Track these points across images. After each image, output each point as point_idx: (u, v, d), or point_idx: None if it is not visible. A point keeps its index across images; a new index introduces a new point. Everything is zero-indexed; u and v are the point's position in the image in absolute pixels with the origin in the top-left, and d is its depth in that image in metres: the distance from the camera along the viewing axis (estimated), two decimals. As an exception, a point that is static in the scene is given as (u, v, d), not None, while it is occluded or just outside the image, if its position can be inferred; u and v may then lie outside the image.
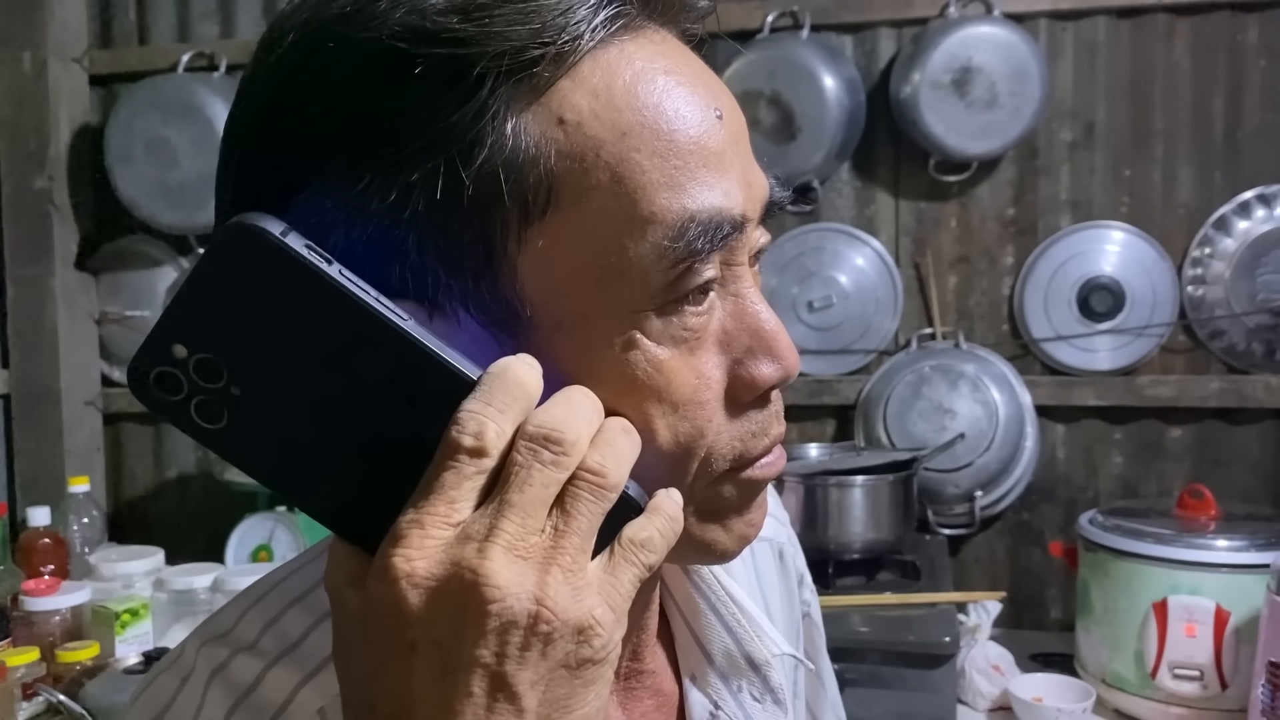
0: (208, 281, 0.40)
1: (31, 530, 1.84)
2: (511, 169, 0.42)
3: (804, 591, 0.77)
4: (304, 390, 0.41)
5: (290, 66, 0.44)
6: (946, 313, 1.98)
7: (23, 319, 2.17)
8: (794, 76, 1.85)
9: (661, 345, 0.45)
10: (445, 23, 0.41)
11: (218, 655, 0.50)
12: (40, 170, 2.16)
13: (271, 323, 0.40)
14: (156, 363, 0.40)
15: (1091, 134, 1.90)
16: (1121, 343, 1.88)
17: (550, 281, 0.44)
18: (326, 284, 0.40)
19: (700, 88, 0.46)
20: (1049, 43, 1.89)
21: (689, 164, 0.45)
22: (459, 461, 0.39)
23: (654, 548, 0.42)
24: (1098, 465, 1.94)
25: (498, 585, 0.37)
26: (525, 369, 0.41)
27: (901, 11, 1.92)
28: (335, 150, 0.42)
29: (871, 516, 1.63)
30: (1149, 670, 1.44)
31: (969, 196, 1.96)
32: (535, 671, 0.38)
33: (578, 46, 0.43)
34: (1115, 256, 1.88)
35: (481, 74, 0.42)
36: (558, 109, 0.43)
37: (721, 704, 0.60)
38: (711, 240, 0.45)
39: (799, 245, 2.00)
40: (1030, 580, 1.96)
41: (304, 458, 0.41)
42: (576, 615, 0.38)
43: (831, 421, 2.03)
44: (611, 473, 0.41)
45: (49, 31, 2.14)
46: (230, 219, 0.40)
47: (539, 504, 0.39)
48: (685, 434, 0.47)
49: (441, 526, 0.38)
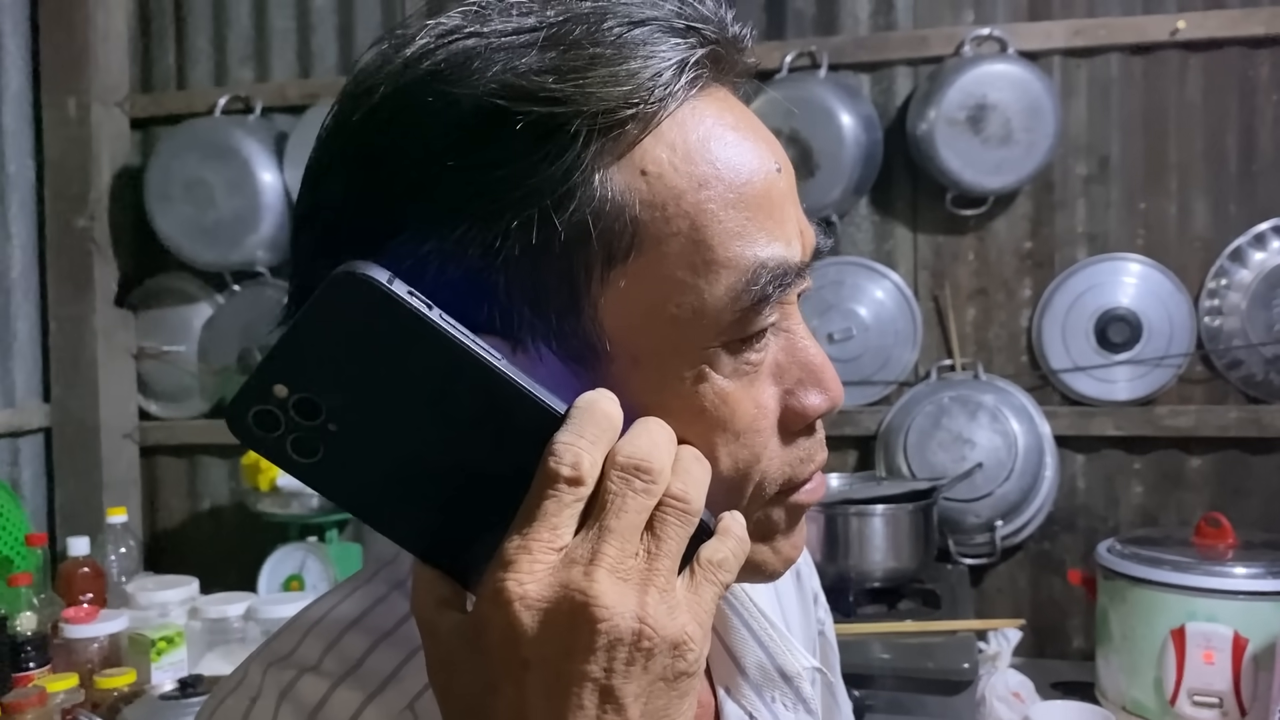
0: (313, 326, 0.43)
1: (71, 560, 1.88)
2: (599, 217, 0.46)
3: (819, 610, 0.80)
4: (398, 426, 0.43)
5: (384, 119, 0.47)
6: (965, 344, 2.01)
7: (64, 354, 2.23)
8: (812, 115, 1.89)
9: (727, 379, 0.49)
10: (542, 82, 0.45)
11: (284, 677, 0.52)
12: (82, 210, 2.23)
13: (372, 363, 0.43)
14: (257, 402, 0.43)
15: (1106, 168, 1.93)
16: (1139, 373, 1.90)
17: (629, 319, 0.47)
18: (429, 327, 0.43)
19: (761, 143, 0.50)
20: (1063, 79, 1.93)
21: (757, 215, 0.48)
22: (559, 490, 0.42)
23: (729, 567, 0.45)
24: (1118, 495, 1.95)
25: (605, 605, 0.40)
26: (610, 403, 0.44)
27: (917, 50, 1.97)
28: (432, 199, 0.46)
29: (892, 545, 1.66)
30: (1168, 697, 1.45)
31: (986, 230, 1.99)
32: (639, 684, 0.41)
33: (664, 107, 0.47)
34: (1132, 288, 1.91)
35: (576, 131, 0.45)
36: (640, 162, 0.47)
37: (756, 714, 0.63)
38: (780, 286, 0.49)
39: (819, 279, 2.04)
40: (1052, 609, 1.97)
41: (394, 489, 0.44)
42: (673, 631, 0.42)
43: (853, 452, 2.06)
44: (694, 499, 0.44)
45: (92, 77, 2.22)
46: (336, 267, 0.43)
47: (634, 529, 0.42)
48: (744, 460, 0.50)
49: (547, 551, 0.41)
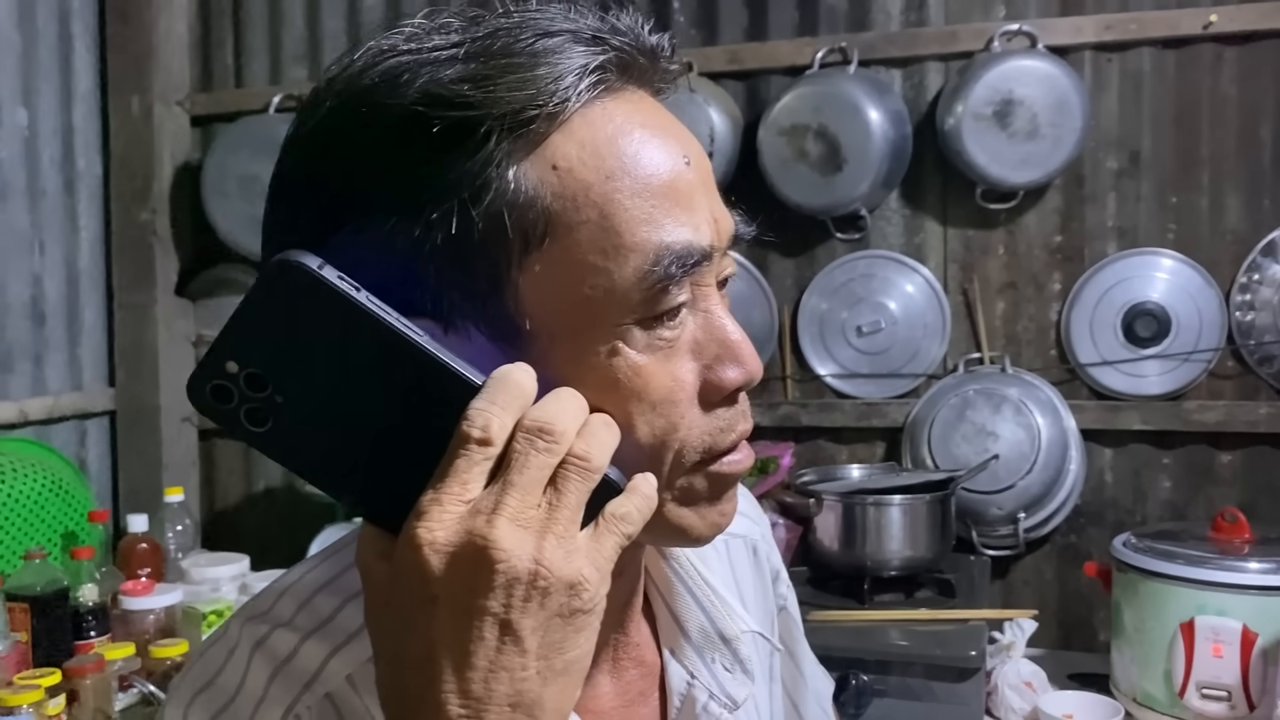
0: (256, 308, 0.49)
1: (131, 536, 1.99)
2: (514, 208, 0.51)
3: (779, 586, 0.85)
4: (337, 397, 0.49)
5: (329, 127, 0.54)
6: (994, 338, 2.02)
7: (128, 341, 2.35)
8: (839, 110, 1.92)
9: (641, 353, 0.54)
10: (458, 90, 0.50)
11: (259, 631, 0.59)
12: (145, 204, 2.34)
13: (310, 341, 0.49)
14: (212, 377, 0.49)
15: (1137, 162, 1.93)
16: (1168, 368, 1.89)
17: (546, 301, 0.52)
18: (356, 308, 0.48)
19: (671, 139, 0.55)
20: (1094, 74, 1.93)
21: (663, 204, 0.53)
22: (469, 450, 0.47)
23: (632, 520, 0.50)
24: (1146, 489, 1.95)
25: (504, 548, 0.46)
26: (522, 374, 0.50)
27: (947, 46, 1.98)
28: (367, 196, 0.52)
29: (909, 535, 1.69)
30: (1177, 690, 1.47)
31: (1016, 224, 2.00)
32: (535, 619, 0.46)
33: (566, 107, 0.52)
34: (1161, 283, 1.90)
35: (488, 131, 0.50)
36: (552, 158, 0.52)
37: (697, 674, 0.68)
38: (683, 268, 0.53)
39: (848, 272, 2.07)
40: (1078, 602, 1.98)
41: (336, 454, 0.50)
42: (568, 573, 0.47)
43: (881, 443, 2.09)
44: (595, 457, 0.49)
45: (155, 77, 2.33)
46: (275, 255, 0.49)
47: (536, 484, 0.47)
48: (661, 428, 0.55)
49: (456, 503, 0.47)
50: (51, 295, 2.22)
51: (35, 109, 2.18)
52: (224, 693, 0.58)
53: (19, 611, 1.71)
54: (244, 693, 0.57)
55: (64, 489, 2.00)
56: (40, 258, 2.20)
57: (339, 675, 0.57)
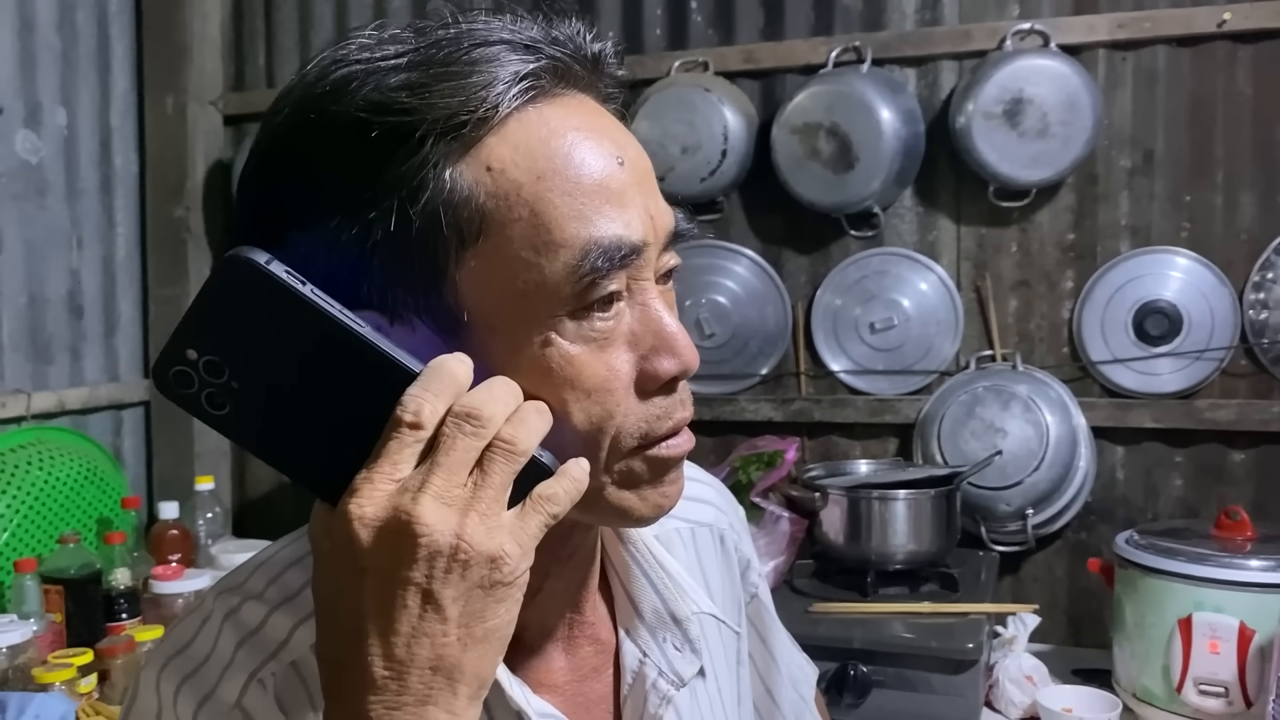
0: (211, 299, 0.53)
1: (162, 523, 2.06)
2: (449, 207, 0.55)
3: (751, 575, 0.88)
4: (288, 383, 0.53)
5: (284, 133, 0.58)
6: (1007, 335, 2.03)
7: (162, 333, 2.43)
8: (851, 109, 1.94)
9: (573, 344, 0.57)
10: (396, 97, 0.54)
11: (230, 602, 0.64)
12: (179, 201, 2.41)
13: (260, 330, 0.52)
14: (174, 363, 0.53)
15: (1151, 161, 1.93)
16: (1180, 366, 1.90)
17: (483, 294, 0.56)
18: (300, 299, 0.52)
19: (605, 140, 0.58)
20: (1108, 72, 1.94)
21: (593, 201, 0.56)
22: (401, 433, 0.51)
23: (558, 501, 0.54)
24: (1158, 487, 1.96)
25: (426, 524, 0.50)
26: (456, 363, 0.53)
27: (961, 45, 1.99)
28: (316, 196, 0.56)
29: (913, 529, 1.71)
30: (1175, 685, 1.48)
31: (1029, 222, 2.01)
32: (456, 590, 0.50)
33: (497, 112, 0.55)
34: (1173, 281, 1.91)
35: (423, 136, 0.54)
36: (486, 159, 0.55)
37: (649, 653, 0.71)
38: (611, 261, 0.56)
39: (862, 269, 2.09)
40: (1088, 599, 1.99)
41: (290, 436, 0.54)
42: (489, 547, 0.51)
43: (893, 440, 2.10)
44: (521, 441, 0.53)
45: (189, 78, 2.40)
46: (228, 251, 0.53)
47: (461, 465, 0.51)
48: (596, 415, 0.58)
49: (387, 482, 0.51)
50: (89, 290, 2.30)
51: (74, 109, 2.26)
52: (195, 658, 0.62)
53: (54, 593, 1.78)
54: (213, 658, 0.61)
55: (99, 476, 2.08)
56: (78, 253, 2.27)
57: (304, 644, 0.61)
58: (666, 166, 2.07)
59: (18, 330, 2.13)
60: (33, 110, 2.16)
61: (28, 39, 2.14)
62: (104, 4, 2.33)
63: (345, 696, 0.51)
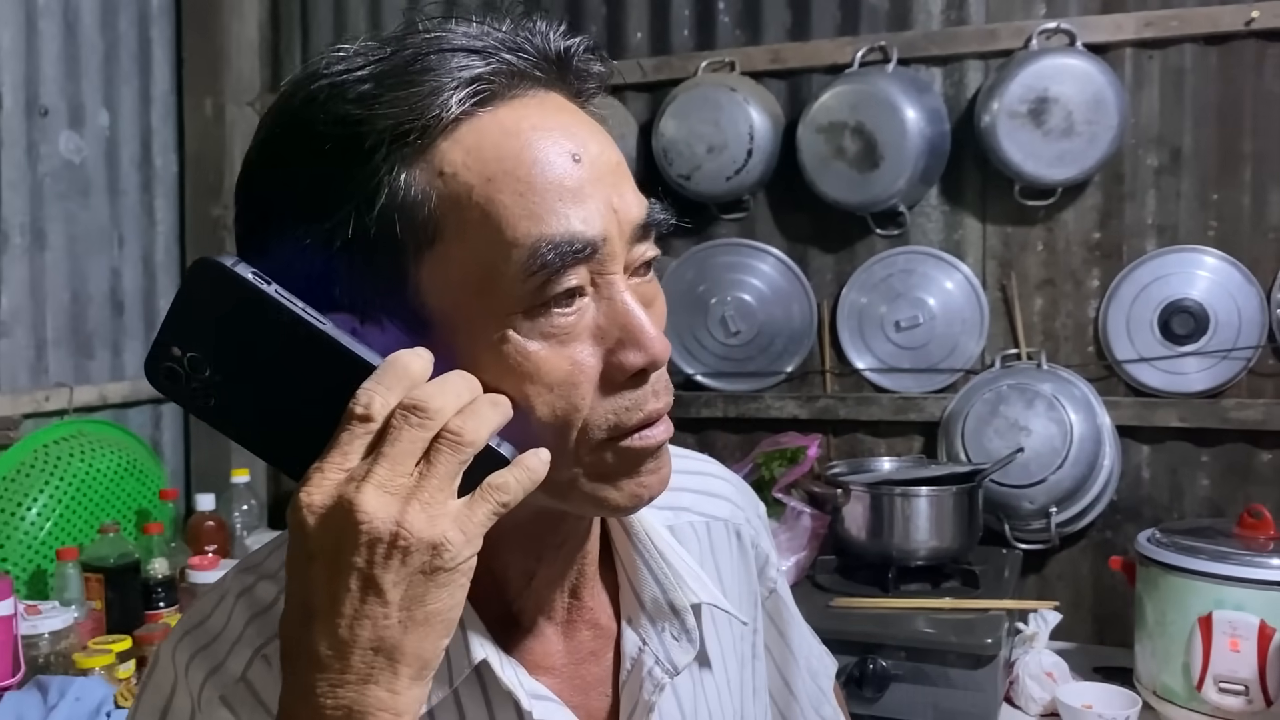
0: (188, 300, 0.56)
1: (199, 514, 2.11)
2: (404, 211, 0.56)
3: (769, 570, 0.89)
4: (262, 377, 0.56)
5: (260, 144, 0.61)
6: (1032, 334, 2.03)
7: (200, 330, 2.48)
8: (876, 108, 1.95)
9: (530, 340, 0.58)
10: (349, 109, 0.57)
11: (246, 580, 0.67)
12: (217, 200, 2.47)
13: (233, 328, 0.56)
14: (162, 359, 0.56)
15: (1178, 159, 1.93)
16: (1207, 365, 1.89)
17: (443, 294, 0.58)
18: (266, 299, 0.55)
19: (563, 138, 0.59)
20: (1134, 70, 1.93)
21: (546, 199, 0.57)
22: (352, 425, 0.53)
23: (509, 490, 0.55)
24: (1184, 487, 1.95)
25: (366, 511, 0.51)
26: (411, 357, 0.55)
27: (987, 44, 2.00)
28: (288, 203, 0.59)
29: (935, 526, 1.72)
30: (1195, 683, 1.48)
31: (1055, 220, 2.01)
32: (396, 575, 0.52)
33: (442, 118, 0.57)
34: (1200, 280, 1.90)
35: (373, 146, 0.56)
36: (438, 164, 0.57)
37: (648, 641, 0.73)
38: (563, 257, 0.57)
39: (887, 267, 2.10)
40: (1113, 597, 1.98)
41: (267, 426, 0.57)
42: (430, 535, 0.52)
43: (918, 438, 2.11)
44: (468, 433, 0.54)
45: (227, 80, 2.46)
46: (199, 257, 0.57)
47: (407, 455, 0.53)
48: (561, 409, 0.59)
49: (336, 471, 0.53)
50: (129, 287, 2.36)
51: (116, 111, 2.32)
52: (209, 633, 0.65)
53: (94, 581, 1.84)
54: (225, 633, 0.65)
55: (138, 468, 2.13)
56: (119, 251, 2.33)
57: None
58: (693, 165, 2.09)
59: (61, 326, 2.19)
60: (76, 112, 2.22)
61: (71, 43, 2.20)
62: (145, 8, 2.39)
63: (296, 671, 0.54)
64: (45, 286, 2.15)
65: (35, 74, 2.12)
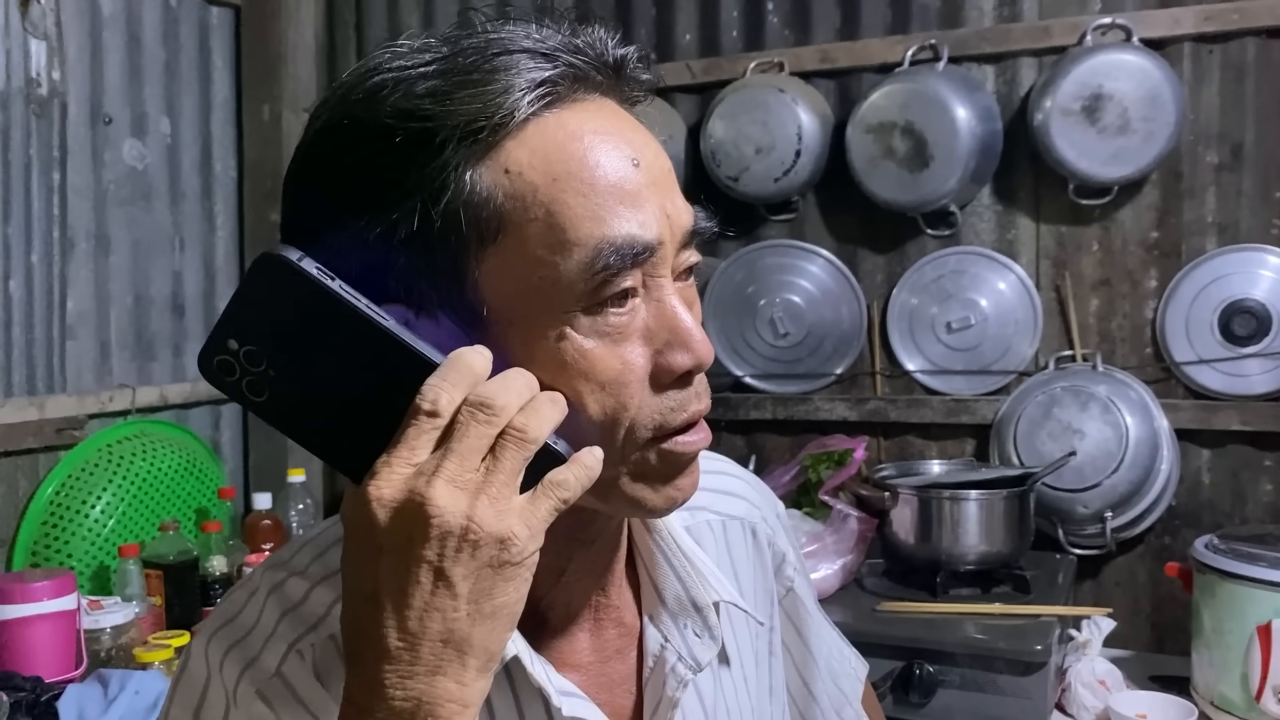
0: (249, 293, 0.56)
1: (256, 513, 2.15)
2: (469, 207, 0.57)
3: (786, 569, 0.89)
4: (320, 372, 0.56)
5: (319, 138, 0.61)
6: (1087, 335, 2.00)
7: (258, 333, 2.53)
8: (926, 107, 1.93)
9: (587, 338, 0.59)
10: (420, 104, 0.57)
11: (277, 576, 0.68)
12: (276, 204, 2.49)
13: (293, 322, 0.56)
14: (218, 352, 0.56)
15: (1239, 156, 1.88)
16: (1269, 367, 1.84)
17: (502, 290, 0.59)
18: (330, 294, 0.56)
19: (622, 143, 0.61)
20: (1193, 66, 1.89)
21: (607, 201, 0.59)
22: (419, 420, 0.54)
23: (569, 487, 0.56)
24: (1246, 491, 1.91)
25: (438, 505, 0.52)
26: (474, 355, 0.56)
27: (1040, 41, 1.97)
28: (347, 196, 0.59)
29: (985, 530, 1.70)
30: (1254, 693, 1.44)
31: (1111, 220, 1.97)
32: (466, 568, 0.53)
33: (513, 118, 0.58)
34: (1264, 280, 1.85)
35: (443, 140, 0.57)
36: (504, 162, 0.58)
37: (670, 638, 0.74)
38: (624, 259, 0.59)
39: (938, 268, 2.07)
40: (1172, 604, 1.94)
41: (322, 421, 0.57)
42: (498, 529, 0.53)
43: (970, 440, 2.08)
44: (531, 430, 0.55)
45: (284, 86, 2.50)
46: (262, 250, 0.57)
47: (474, 451, 0.54)
48: (611, 407, 0.60)
49: (405, 466, 0.54)
50: (190, 290, 2.41)
51: (177, 118, 2.37)
52: (241, 628, 0.66)
53: (154, 577, 1.88)
54: (257, 629, 0.66)
55: (198, 468, 2.18)
56: (180, 255, 2.39)
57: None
58: (741, 167, 2.09)
59: (124, 328, 2.25)
60: (139, 120, 2.27)
61: (135, 52, 2.26)
62: (205, 18, 2.44)
63: (363, 664, 0.54)
64: (109, 290, 2.21)
65: (99, 84, 2.18)
